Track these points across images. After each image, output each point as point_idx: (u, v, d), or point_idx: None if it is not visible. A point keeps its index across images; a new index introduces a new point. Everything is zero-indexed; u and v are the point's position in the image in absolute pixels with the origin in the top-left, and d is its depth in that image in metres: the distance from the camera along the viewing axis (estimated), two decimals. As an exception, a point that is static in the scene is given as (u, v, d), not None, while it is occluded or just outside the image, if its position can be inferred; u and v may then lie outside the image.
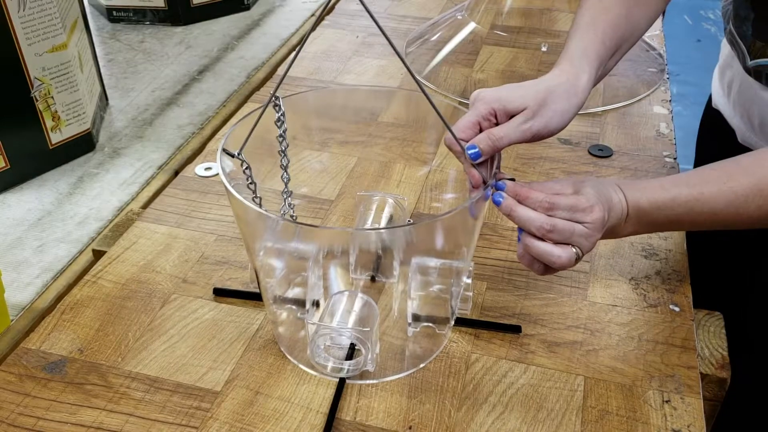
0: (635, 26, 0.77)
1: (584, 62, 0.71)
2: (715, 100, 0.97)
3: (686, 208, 0.67)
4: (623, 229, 0.69)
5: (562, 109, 0.68)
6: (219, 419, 0.64)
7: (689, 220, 0.68)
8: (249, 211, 0.61)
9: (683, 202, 0.67)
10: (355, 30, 1.36)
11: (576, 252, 0.65)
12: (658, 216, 0.68)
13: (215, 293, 0.77)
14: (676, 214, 0.67)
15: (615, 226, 0.68)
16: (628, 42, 0.77)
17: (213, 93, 1.21)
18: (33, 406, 0.65)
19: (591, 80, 0.72)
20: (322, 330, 0.65)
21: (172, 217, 0.87)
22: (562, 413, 0.65)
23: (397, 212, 0.81)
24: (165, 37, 1.39)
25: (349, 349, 0.69)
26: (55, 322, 0.73)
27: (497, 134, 0.66)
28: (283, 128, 0.71)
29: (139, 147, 1.07)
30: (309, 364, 0.68)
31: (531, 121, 0.67)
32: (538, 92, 0.68)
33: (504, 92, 0.68)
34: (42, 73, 0.95)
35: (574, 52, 0.72)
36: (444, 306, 0.71)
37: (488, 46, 1.26)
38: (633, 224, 0.69)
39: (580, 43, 0.73)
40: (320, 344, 0.67)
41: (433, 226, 0.65)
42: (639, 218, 0.68)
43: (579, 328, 0.74)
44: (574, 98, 0.69)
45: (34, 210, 0.94)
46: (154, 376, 0.68)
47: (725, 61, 0.93)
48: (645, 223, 0.69)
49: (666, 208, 0.67)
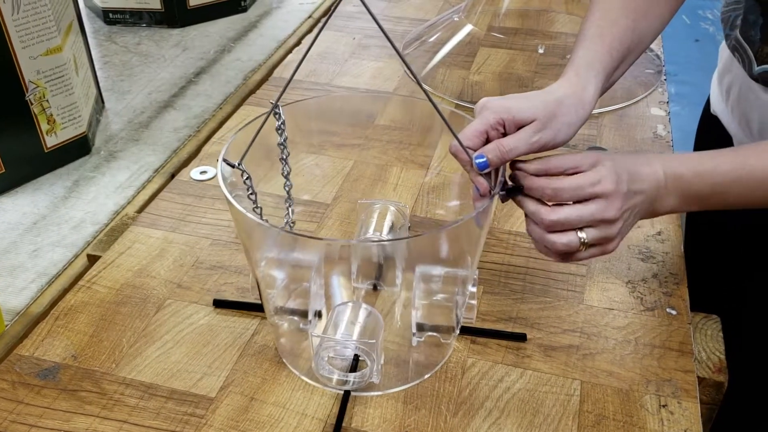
0: (641, 38, 0.76)
1: (591, 74, 0.71)
2: (714, 106, 0.96)
3: (732, 177, 0.65)
4: (665, 201, 0.66)
5: (570, 121, 0.68)
6: (213, 426, 0.64)
7: (736, 192, 0.65)
8: (250, 222, 0.61)
9: (728, 170, 0.65)
10: (352, 32, 1.35)
11: (581, 238, 0.64)
12: (702, 186, 0.65)
13: (215, 305, 0.76)
14: (721, 184, 0.65)
15: (654, 199, 0.66)
16: (633, 54, 0.77)
17: (209, 95, 1.20)
18: (26, 414, 0.64)
19: (597, 92, 0.71)
20: (326, 342, 0.65)
21: (167, 221, 0.87)
22: (559, 418, 0.65)
23: (398, 220, 0.81)
24: (161, 40, 1.38)
25: (353, 360, 0.68)
26: (49, 328, 0.73)
27: (507, 146, 0.65)
28: (284, 136, 0.71)
29: (135, 150, 1.06)
30: (312, 375, 0.67)
31: (540, 133, 0.66)
32: (547, 104, 0.67)
33: (513, 102, 0.67)
34: (37, 76, 0.95)
35: (581, 63, 0.72)
36: (449, 315, 0.70)
37: (485, 48, 1.26)
38: (675, 196, 0.66)
39: (586, 53, 0.72)
40: (324, 356, 0.66)
41: (437, 236, 0.64)
42: (681, 189, 0.66)
43: (575, 331, 0.73)
44: (581, 111, 0.69)
45: (29, 214, 0.94)
46: (148, 383, 0.67)
47: (724, 66, 0.92)
48: (689, 195, 0.66)
49: (709, 177, 0.65)
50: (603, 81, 0.72)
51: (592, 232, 0.64)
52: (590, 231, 0.64)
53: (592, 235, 0.64)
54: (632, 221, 0.67)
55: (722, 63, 0.93)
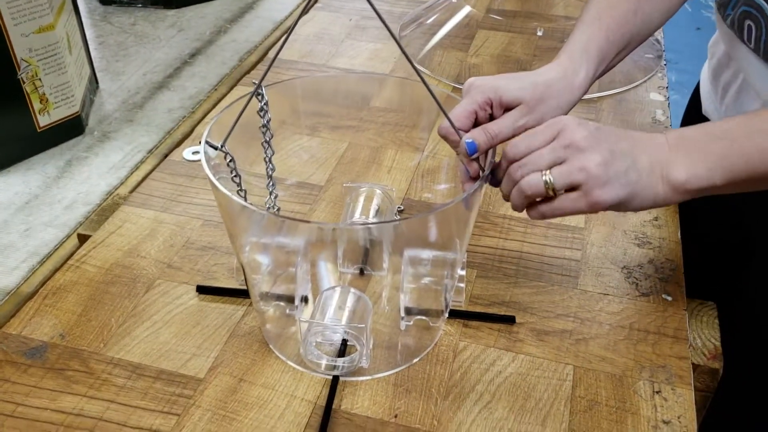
0: (646, 22, 0.74)
1: (584, 58, 0.69)
2: (705, 107, 0.90)
3: (744, 129, 0.59)
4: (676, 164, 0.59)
5: (558, 105, 0.67)
6: (202, 406, 0.63)
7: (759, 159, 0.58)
8: (233, 204, 0.59)
9: (744, 121, 0.60)
10: (348, 13, 1.34)
11: (547, 180, 0.59)
12: (714, 147, 0.59)
13: (198, 291, 0.74)
14: (738, 145, 0.58)
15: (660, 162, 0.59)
16: (637, 38, 0.74)
17: (204, 76, 1.19)
18: (12, 392, 0.64)
19: (589, 78, 0.69)
20: (314, 327, 0.64)
21: (159, 201, 0.86)
22: (551, 403, 0.64)
23: (385, 203, 0.80)
24: (157, 20, 1.37)
25: (341, 345, 0.67)
26: (37, 307, 0.72)
27: (493, 131, 0.64)
28: (267, 118, 0.70)
29: (129, 131, 1.05)
30: (300, 361, 0.67)
31: (527, 116, 0.65)
32: (535, 87, 0.66)
33: (501, 82, 0.66)
34: (29, 54, 0.94)
35: (575, 46, 0.70)
36: (437, 298, 0.69)
37: (483, 30, 1.25)
38: (685, 155, 0.59)
39: (582, 37, 0.71)
40: (312, 342, 0.65)
41: (426, 220, 0.63)
42: (687, 148, 0.60)
43: (569, 316, 0.72)
44: (569, 95, 0.68)
45: (21, 193, 0.93)
46: (136, 363, 0.67)
47: (719, 62, 0.86)
48: (699, 156, 0.59)
49: (721, 132, 0.60)
50: (597, 66, 0.71)
51: (560, 168, 0.59)
52: (558, 168, 0.59)
53: (560, 171, 0.59)
54: (627, 173, 0.59)
55: (717, 58, 0.86)
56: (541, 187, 0.59)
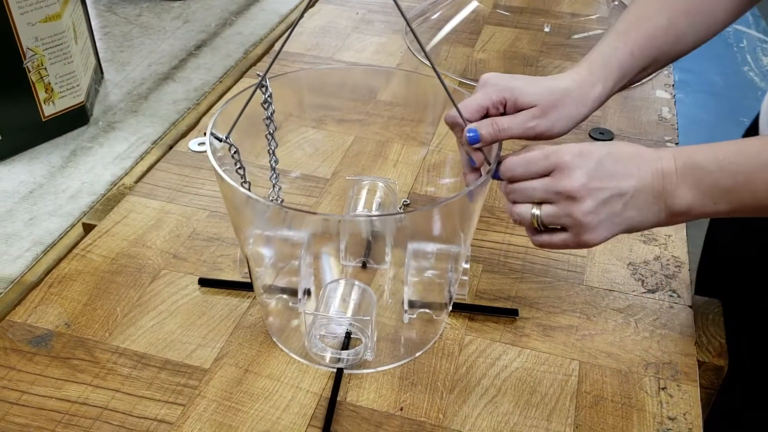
0: (678, 39, 0.70)
1: (603, 72, 0.68)
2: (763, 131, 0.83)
3: (762, 161, 0.55)
4: (678, 193, 0.58)
5: (570, 114, 0.66)
6: (207, 397, 0.63)
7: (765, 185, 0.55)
8: (238, 195, 0.59)
9: (756, 153, 0.56)
10: (354, 6, 1.33)
11: (534, 213, 0.60)
12: (723, 181, 0.56)
13: (200, 284, 0.74)
14: (747, 173, 0.55)
15: (660, 191, 0.58)
16: (667, 56, 0.71)
17: (210, 68, 1.19)
18: (17, 380, 0.64)
19: (605, 92, 0.68)
20: (319, 320, 0.64)
21: (165, 191, 0.86)
22: (556, 398, 0.64)
23: (387, 197, 0.79)
24: (162, 12, 1.37)
25: (345, 337, 0.67)
26: (42, 295, 0.72)
27: (502, 124, 0.64)
28: (271, 110, 0.70)
29: (134, 121, 1.05)
30: (304, 353, 0.66)
31: (538, 119, 0.65)
32: (551, 93, 0.65)
33: (518, 83, 0.65)
34: (35, 43, 0.93)
35: (597, 57, 0.69)
36: (441, 292, 0.69)
37: (490, 25, 1.24)
38: (689, 187, 0.57)
39: (606, 49, 0.69)
40: (316, 334, 0.65)
41: (429, 213, 0.63)
42: (695, 179, 0.57)
43: (575, 312, 0.72)
44: (583, 108, 0.67)
45: (25, 183, 0.93)
46: (141, 352, 0.67)
47: None
48: (706, 189, 0.57)
49: (732, 165, 0.56)
50: (616, 82, 0.69)
51: (549, 209, 0.59)
52: (547, 208, 0.60)
53: (548, 212, 0.59)
54: (622, 212, 0.59)
55: None
56: (529, 219, 0.61)
